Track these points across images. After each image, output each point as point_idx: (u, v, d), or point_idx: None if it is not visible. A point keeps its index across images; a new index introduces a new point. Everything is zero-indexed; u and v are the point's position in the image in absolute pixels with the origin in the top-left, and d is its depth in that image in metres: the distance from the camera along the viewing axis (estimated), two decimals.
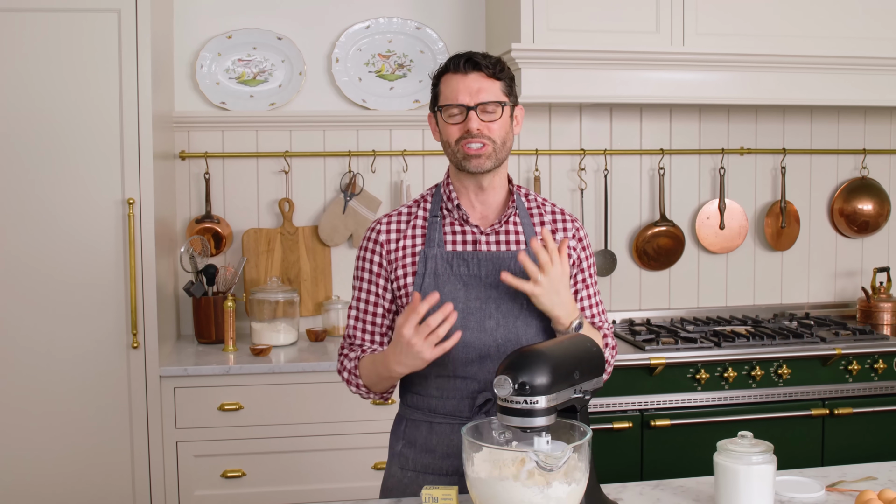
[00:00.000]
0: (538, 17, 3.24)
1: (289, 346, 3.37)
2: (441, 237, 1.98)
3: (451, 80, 1.93)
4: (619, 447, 3.15)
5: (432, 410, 1.97)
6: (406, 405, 2.04)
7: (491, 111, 1.92)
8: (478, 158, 1.92)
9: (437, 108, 1.97)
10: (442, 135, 1.97)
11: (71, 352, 2.98)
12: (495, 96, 1.92)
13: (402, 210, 2.06)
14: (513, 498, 1.52)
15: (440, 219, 2.00)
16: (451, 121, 1.93)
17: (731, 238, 3.90)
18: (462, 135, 1.91)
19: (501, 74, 1.94)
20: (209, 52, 3.54)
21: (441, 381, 1.95)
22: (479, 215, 2.01)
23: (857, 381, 3.31)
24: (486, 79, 1.92)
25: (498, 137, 1.93)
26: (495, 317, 1.92)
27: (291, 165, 3.63)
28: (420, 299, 1.79)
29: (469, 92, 1.91)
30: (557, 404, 1.63)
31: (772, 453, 1.76)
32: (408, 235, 2.00)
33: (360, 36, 3.64)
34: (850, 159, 4.02)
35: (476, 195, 2.00)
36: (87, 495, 3.01)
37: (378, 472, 3.11)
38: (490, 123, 1.91)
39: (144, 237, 3.00)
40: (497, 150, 1.93)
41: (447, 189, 2.01)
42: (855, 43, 3.44)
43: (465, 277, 1.94)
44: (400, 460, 2.02)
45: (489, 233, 1.98)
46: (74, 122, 2.94)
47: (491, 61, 1.93)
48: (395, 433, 2.06)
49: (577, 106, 3.71)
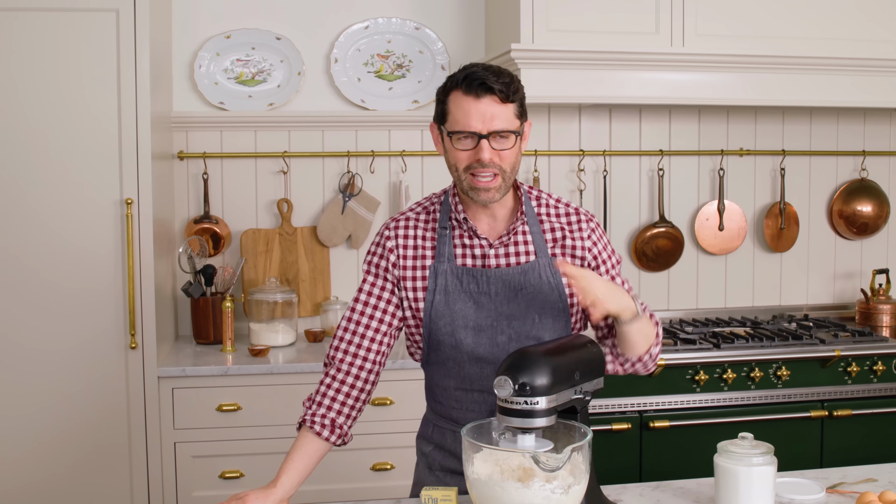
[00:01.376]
0: (538, 17, 3.23)
1: (287, 347, 3.36)
2: (451, 251, 1.94)
3: (462, 103, 1.82)
4: (618, 448, 3.15)
5: (455, 421, 1.97)
6: (432, 412, 2.06)
7: (504, 137, 1.83)
8: (487, 192, 1.84)
9: (446, 133, 1.86)
10: (448, 156, 1.88)
11: (69, 352, 2.97)
12: (509, 123, 1.82)
13: (410, 216, 2.00)
14: (513, 499, 1.52)
15: (449, 231, 1.95)
16: (459, 146, 1.84)
17: (731, 239, 3.89)
18: (471, 163, 1.83)
19: (515, 96, 1.83)
20: (208, 52, 3.53)
21: (460, 394, 1.95)
22: (487, 227, 1.95)
23: (856, 383, 3.31)
24: (499, 104, 1.81)
25: (509, 165, 1.84)
26: (507, 332, 1.90)
27: (290, 166, 3.62)
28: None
29: (482, 118, 1.80)
30: (558, 405, 1.62)
31: (772, 455, 1.76)
32: (418, 246, 1.96)
33: (359, 36, 3.63)
34: (849, 161, 4.02)
35: (482, 210, 1.94)
36: (84, 496, 3.00)
37: (376, 472, 3.10)
38: (502, 152, 1.83)
39: (143, 237, 2.99)
40: (507, 180, 1.86)
41: (454, 200, 1.95)
42: (855, 45, 3.43)
43: (475, 295, 1.91)
44: (428, 461, 2.05)
45: (497, 245, 1.93)
46: (72, 122, 2.93)
47: (504, 83, 1.81)
48: (422, 435, 2.08)
49: (576, 107, 3.71)
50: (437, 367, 1.98)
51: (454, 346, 1.91)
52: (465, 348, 1.91)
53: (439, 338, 1.92)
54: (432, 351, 1.96)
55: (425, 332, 1.94)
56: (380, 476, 3.11)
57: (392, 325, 1.98)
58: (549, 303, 1.91)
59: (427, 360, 2.00)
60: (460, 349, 1.91)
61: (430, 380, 2.02)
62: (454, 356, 1.92)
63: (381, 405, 3.09)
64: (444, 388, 1.98)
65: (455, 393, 1.96)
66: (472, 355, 1.91)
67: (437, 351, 1.95)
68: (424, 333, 1.95)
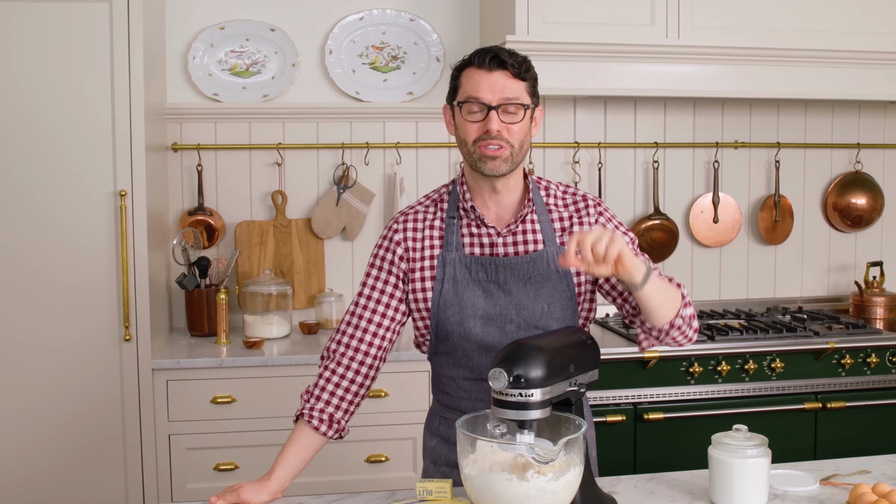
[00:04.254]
0: (533, 9, 3.22)
1: (282, 339, 3.36)
2: (459, 240, 1.94)
3: (474, 76, 1.86)
4: (613, 440, 3.15)
5: (462, 411, 1.96)
6: (439, 403, 2.05)
7: (513, 112, 1.86)
8: (494, 161, 1.86)
9: (455, 103, 1.90)
10: (458, 131, 1.91)
11: (62, 344, 2.96)
12: (518, 97, 1.86)
13: (418, 208, 2.01)
14: (507, 491, 1.52)
15: (457, 220, 1.96)
16: (469, 118, 1.87)
17: (725, 232, 3.90)
18: (480, 135, 1.85)
19: (527, 75, 1.88)
20: (201, 43, 3.52)
21: (468, 384, 1.95)
22: (495, 216, 1.96)
23: (849, 375, 3.32)
24: (510, 78, 1.86)
25: (517, 141, 1.87)
26: (516, 321, 1.90)
27: (284, 157, 3.61)
28: None
29: (492, 90, 1.84)
30: (552, 397, 1.62)
31: (766, 447, 1.76)
32: (426, 237, 1.96)
33: (354, 27, 3.62)
34: (843, 153, 4.03)
35: (490, 196, 1.95)
36: (79, 488, 3.00)
37: (371, 465, 3.10)
38: (510, 125, 1.85)
39: (136, 229, 2.98)
40: (514, 154, 1.87)
41: (461, 188, 1.96)
42: (849, 37, 3.43)
43: (483, 283, 1.91)
44: (433, 455, 2.04)
45: (505, 234, 1.94)
46: (65, 114, 2.92)
47: (517, 60, 1.87)
48: (429, 429, 2.07)
49: (571, 98, 3.71)
50: (446, 358, 1.97)
51: (463, 336, 1.92)
52: (474, 337, 1.91)
53: (448, 327, 1.92)
54: (440, 341, 1.96)
55: (433, 322, 1.94)
56: (374, 468, 3.11)
57: (395, 321, 1.98)
58: (557, 292, 1.92)
59: (435, 350, 1.99)
60: (469, 338, 1.91)
61: (439, 370, 2.02)
62: (463, 346, 1.93)
63: (376, 397, 3.09)
64: (452, 379, 1.98)
65: (464, 383, 1.96)
66: (482, 344, 1.91)
67: (446, 341, 1.95)
68: (432, 324, 1.94)
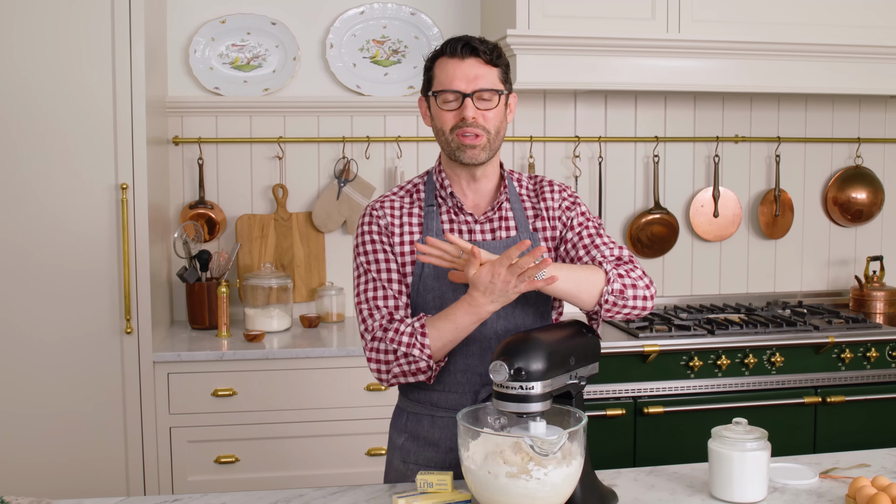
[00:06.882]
0: (533, 3, 3.22)
1: (282, 332, 3.36)
2: (439, 226, 1.95)
3: (447, 65, 1.89)
4: (613, 434, 3.16)
5: (434, 404, 1.96)
6: (407, 398, 2.02)
7: (487, 99, 1.88)
8: (473, 150, 1.88)
9: (430, 93, 1.93)
10: (434, 121, 1.93)
11: (64, 337, 2.97)
12: (492, 84, 1.89)
13: (394, 198, 1.99)
14: (508, 483, 1.52)
15: (436, 207, 1.97)
16: (445, 107, 1.89)
17: (725, 226, 3.90)
18: (457, 123, 1.88)
19: (499, 61, 1.91)
20: (203, 36, 3.52)
21: (442, 375, 1.94)
22: (472, 203, 1.98)
23: (849, 370, 3.32)
24: (483, 65, 1.88)
25: (493, 127, 1.89)
26: None
27: (285, 151, 3.61)
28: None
29: (466, 78, 1.87)
30: (553, 390, 1.63)
31: (766, 440, 1.77)
32: (405, 223, 1.96)
33: (355, 21, 3.62)
34: (844, 148, 4.03)
35: (468, 184, 1.97)
36: (80, 480, 3.01)
37: (371, 458, 3.11)
38: (486, 112, 1.88)
39: (138, 223, 2.98)
40: (491, 141, 1.90)
41: (439, 177, 1.98)
42: (849, 31, 3.43)
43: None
44: (402, 453, 2.00)
45: (483, 221, 1.96)
46: (67, 107, 2.92)
47: (488, 47, 1.90)
48: (395, 426, 2.04)
49: (571, 92, 3.71)
50: None
51: None
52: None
53: (428, 312, 1.91)
54: None
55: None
56: (375, 461, 3.12)
57: (404, 284, 1.93)
58: None
59: None
60: None
61: None
62: None
63: (376, 391, 3.09)
64: None
65: (436, 374, 1.92)
66: None
67: None
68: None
